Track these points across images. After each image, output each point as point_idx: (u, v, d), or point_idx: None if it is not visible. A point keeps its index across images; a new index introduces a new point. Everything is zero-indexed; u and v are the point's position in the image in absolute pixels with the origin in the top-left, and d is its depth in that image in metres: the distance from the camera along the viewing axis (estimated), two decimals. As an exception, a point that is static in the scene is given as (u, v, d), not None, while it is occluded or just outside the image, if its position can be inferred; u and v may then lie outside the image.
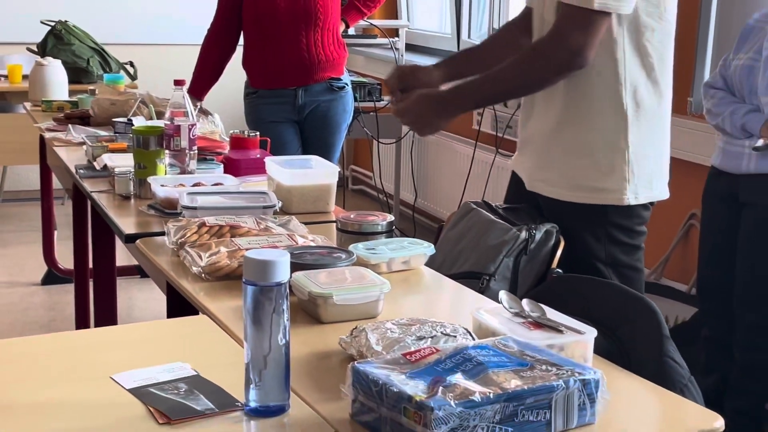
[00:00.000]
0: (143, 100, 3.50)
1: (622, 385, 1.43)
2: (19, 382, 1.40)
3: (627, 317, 1.69)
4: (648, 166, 2.24)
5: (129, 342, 1.59)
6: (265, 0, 3.76)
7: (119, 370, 1.42)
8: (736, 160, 2.90)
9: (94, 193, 2.61)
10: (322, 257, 1.86)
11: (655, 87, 2.23)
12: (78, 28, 5.37)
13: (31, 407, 1.31)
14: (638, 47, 2.18)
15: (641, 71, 2.19)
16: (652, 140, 2.25)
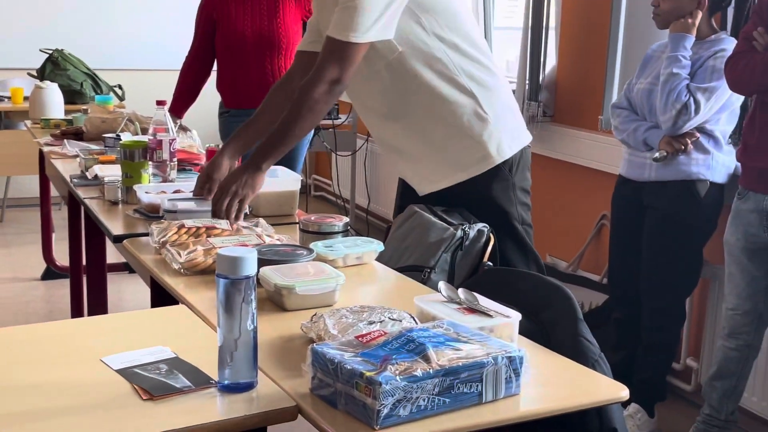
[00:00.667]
0: (130, 118, 3.47)
1: (542, 361, 1.44)
2: (21, 364, 1.39)
3: (547, 303, 1.69)
4: (508, 123, 2.30)
5: (117, 329, 1.58)
6: (235, 31, 3.75)
7: (108, 354, 1.41)
8: (639, 169, 2.94)
9: (87, 200, 2.59)
10: (287, 254, 1.86)
11: (480, 65, 2.26)
12: (72, 55, 5.32)
13: (30, 386, 1.30)
14: (451, 44, 2.21)
15: (461, 57, 2.23)
16: (501, 104, 2.30)
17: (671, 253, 2.88)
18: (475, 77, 2.24)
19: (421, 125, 2.27)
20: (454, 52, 2.21)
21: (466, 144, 2.25)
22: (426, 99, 2.23)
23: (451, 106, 2.23)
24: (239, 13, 3.76)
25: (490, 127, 2.24)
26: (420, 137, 2.29)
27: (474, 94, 2.23)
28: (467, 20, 2.26)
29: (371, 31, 2.09)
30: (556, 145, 3.91)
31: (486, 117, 2.24)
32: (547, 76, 3.95)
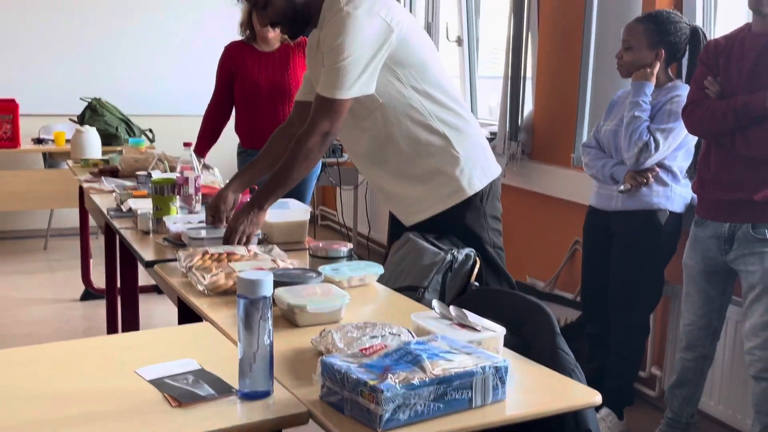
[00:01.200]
0: (159, 158, 3.48)
1: (525, 370, 1.44)
2: (62, 376, 1.38)
3: (528, 319, 1.69)
4: (478, 159, 2.32)
5: (148, 344, 1.57)
6: (250, 81, 3.77)
7: (141, 366, 1.41)
8: (606, 200, 2.94)
9: (122, 229, 2.59)
10: (298, 276, 1.85)
11: (451, 111, 2.29)
12: (109, 103, 5.35)
13: (71, 395, 1.30)
14: (425, 93, 2.24)
15: (434, 105, 2.26)
16: (471, 143, 2.32)
17: (636, 274, 2.88)
18: (447, 121, 2.27)
19: (402, 167, 2.30)
20: (427, 101, 2.25)
21: (442, 180, 2.28)
22: (405, 143, 2.27)
23: (427, 148, 2.27)
24: (255, 66, 3.79)
25: (462, 164, 2.27)
26: (401, 177, 2.32)
27: (446, 137, 2.27)
28: (438, 72, 2.29)
29: (354, 88, 2.13)
30: (533, 180, 3.92)
31: (457, 156, 2.27)
32: (524, 119, 3.97)
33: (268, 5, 2.23)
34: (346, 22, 2.10)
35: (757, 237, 2.44)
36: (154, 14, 6.09)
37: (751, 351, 2.48)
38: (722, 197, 2.51)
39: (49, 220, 5.93)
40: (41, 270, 5.25)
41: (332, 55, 2.12)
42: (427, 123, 2.25)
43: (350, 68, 2.10)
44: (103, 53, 6.00)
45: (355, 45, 2.10)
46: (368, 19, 2.12)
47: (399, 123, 2.24)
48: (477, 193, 2.29)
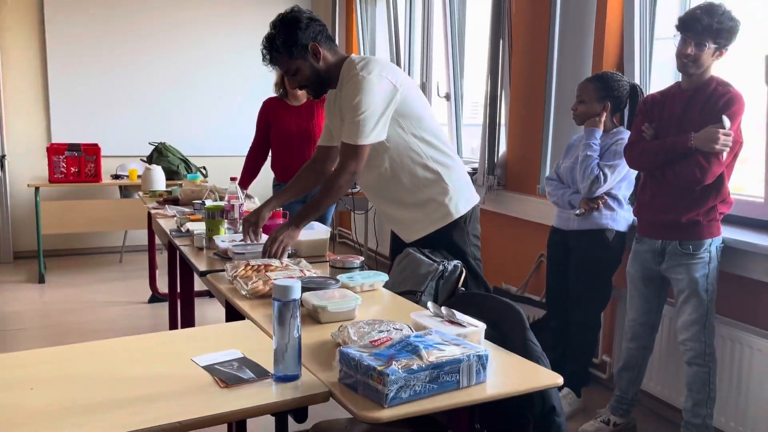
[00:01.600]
0: (211, 189, 3.49)
1: (501, 358, 1.44)
2: (132, 363, 1.38)
3: (503, 317, 1.69)
4: (463, 190, 2.34)
5: (202, 338, 1.57)
6: (284, 128, 3.77)
7: (196, 355, 1.40)
8: (565, 222, 2.93)
9: (181, 246, 2.60)
10: (321, 283, 1.85)
11: (442, 152, 2.31)
12: (171, 146, 5.37)
13: (140, 378, 1.30)
14: (422, 139, 2.27)
15: (429, 148, 2.28)
16: (457, 176, 2.34)
17: (589, 280, 2.87)
18: (438, 160, 2.28)
19: (403, 197, 2.32)
20: (423, 145, 2.27)
21: (434, 206, 2.30)
22: (406, 178, 2.28)
23: (423, 182, 2.29)
24: (287, 116, 3.80)
25: (450, 194, 2.29)
26: (402, 205, 2.34)
27: (438, 173, 2.28)
28: (430, 121, 2.31)
29: (371, 136, 2.15)
30: (508, 206, 3.91)
31: (447, 187, 2.29)
32: (500, 158, 3.97)
33: (297, 72, 2.24)
34: (362, 84, 2.12)
35: (684, 252, 2.44)
36: (207, 75, 6.14)
37: (684, 342, 2.46)
38: (656, 219, 2.50)
39: (124, 239, 5.94)
40: (117, 279, 5.25)
41: (353, 111, 2.14)
42: (424, 162, 2.26)
43: (367, 120, 2.12)
44: (167, 107, 6.04)
45: (369, 102, 2.12)
46: (379, 81, 2.13)
47: (402, 163, 2.26)
48: (462, 216, 2.31)
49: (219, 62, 6.14)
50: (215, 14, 6.08)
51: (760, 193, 2.68)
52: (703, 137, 2.29)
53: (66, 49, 5.67)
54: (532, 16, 3.68)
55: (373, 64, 2.17)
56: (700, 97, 2.37)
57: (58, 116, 5.71)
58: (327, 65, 2.24)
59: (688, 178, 2.35)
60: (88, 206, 5.26)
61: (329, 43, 2.24)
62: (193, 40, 6.05)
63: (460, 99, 4.78)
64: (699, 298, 2.42)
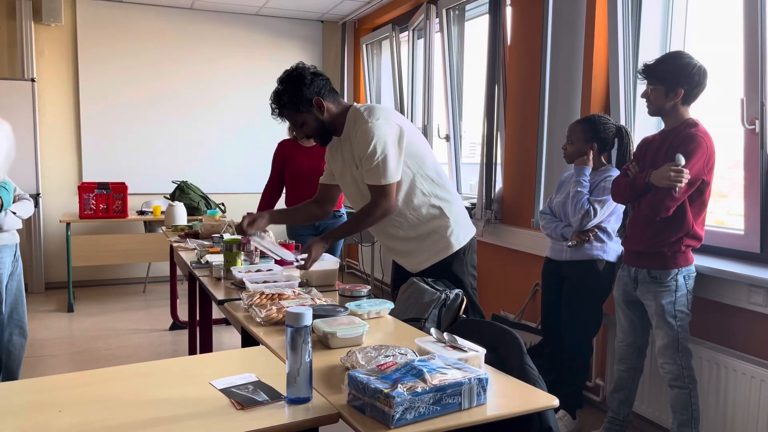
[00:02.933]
0: (229, 224, 3.50)
1: (500, 381, 1.42)
2: (154, 387, 1.37)
3: (502, 342, 1.67)
4: (462, 223, 2.35)
5: (219, 362, 1.56)
6: (296, 168, 3.79)
7: (214, 378, 1.39)
8: (558, 253, 2.92)
9: (201, 277, 2.59)
10: (330, 311, 1.84)
11: (442, 188, 2.33)
12: (192, 184, 5.39)
13: (161, 400, 1.29)
14: (426, 177, 2.29)
15: (433, 185, 2.30)
16: (457, 211, 2.35)
17: (581, 308, 2.85)
18: (440, 197, 2.30)
19: (408, 231, 2.33)
20: (427, 183, 2.29)
21: (436, 238, 2.31)
22: (411, 214, 2.29)
23: (426, 217, 2.30)
24: (300, 157, 3.81)
25: (451, 227, 2.30)
26: (407, 238, 2.34)
27: (441, 208, 2.29)
28: (432, 160, 2.33)
29: (394, 174, 2.18)
30: (504, 239, 3.91)
31: (449, 221, 2.30)
32: (496, 194, 3.98)
33: (304, 124, 2.27)
34: (372, 130, 2.15)
35: (652, 279, 2.44)
36: (225, 117, 6.20)
37: (662, 366, 2.45)
38: (631, 248, 2.52)
39: (147, 270, 5.94)
40: (140, 307, 5.24)
41: (370, 156, 2.16)
42: (427, 199, 2.29)
43: (386, 161, 2.16)
44: (189, 148, 6.09)
45: (383, 145, 2.15)
46: (387, 125, 2.16)
47: (408, 200, 2.28)
48: (461, 248, 2.30)
49: (237, 107, 6.20)
50: (233, 64, 6.17)
51: (740, 225, 2.67)
52: (657, 174, 2.31)
53: (97, 96, 5.76)
54: (524, 64, 3.72)
55: (378, 110, 2.19)
56: (672, 138, 2.39)
57: (88, 157, 5.77)
58: (331, 116, 2.26)
59: (644, 212, 2.36)
60: (115, 240, 5.27)
61: (332, 95, 2.26)
62: (213, 86, 6.12)
63: (459, 140, 4.81)
64: (668, 324, 2.41)
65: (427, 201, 2.28)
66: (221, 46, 6.11)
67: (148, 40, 5.87)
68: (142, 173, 5.92)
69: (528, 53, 3.68)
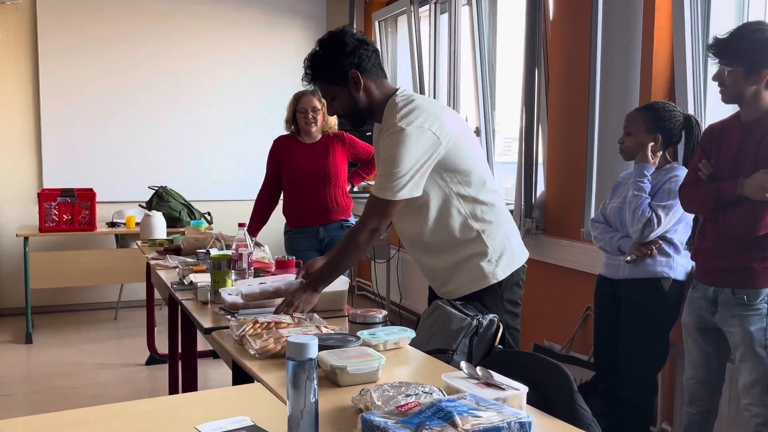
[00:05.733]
0: (217, 237, 3.50)
1: (546, 425, 1.40)
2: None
3: (547, 378, 1.65)
4: (504, 252, 2.33)
5: (207, 403, 1.55)
6: (296, 169, 3.82)
7: (200, 422, 1.39)
8: (614, 269, 2.90)
9: (183, 300, 2.59)
10: (339, 340, 1.84)
11: (487, 206, 2.30)
12: (173, 190, 5.42)
13: (139, 450, 1.28)
14: (464, 196, 2.28)
15: (472, 205, 2.29)
16: (502, 236, 2.33)
17: (642, 336, 2.82)
18: (481, 218, 2.29)
19: (438, 252, 2.34)
20: (465, 202, 2.29)
21: (470, 267, 2.31)
22: (443, 235, 2.30)
23: (460, 241, 2.30)
24: (300, 155, 3.84)
25: (489, 256, 2.30)
26: (437, 260, 2.35)
27: (479, 233, 2.29)
28: (480, 173, 2.30)
29: (402, 192, 2.17)
30: (548, 253, 3.89)
31: (486, 250, 2.29)
32: (538, 199, 3.97)
33: (335, 99, 2.28)
34: (399, 137, 2.15)
35: (737, 301, 2.40)
36: (212, 113, 6.24)
37: (748, 408, 2.40)
38: (708, 264, 2.49)
39: (120, 293, 5.97)
40: (111, 337, 5.27)
41: (386, 163, 2.17)
42: (464, 221, 2.29)
43: (400, 176, 2.15)
44: (168, 148, 6.14)
45: (405, 157, 2.15)
46: (419, 134, 2.16)
47: (440, 218, 2.29)
48: (498, 281, 2.32)
49: (225, 99, 6.25)
50: (220, 49, 6.22)
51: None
52: (752, 185, 2.27)
53: (60, 88, 5.82)
54: (570, 42, 3.71)
55: (416, 112, 2.19)
56: (756, 132, 2.35)
57: (50, 159, 5.83)
58: (369, 98, 2.27)
59: (736, 229, 2.33)
60: (82, 257, 5.31)
61: (377, 73, 2.27)
62: (196, 76, 6.18)
63: (492, 134, 4.81)
64: (757, 356, 2.37)
65: (464, 222, 2.29)
66: (206, 27, 6.17)
67: (121, 23, 5.93)
68: (113, 178, 5.97)
69: (575, 29, 3.67)
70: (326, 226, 3.89)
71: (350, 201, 4.00)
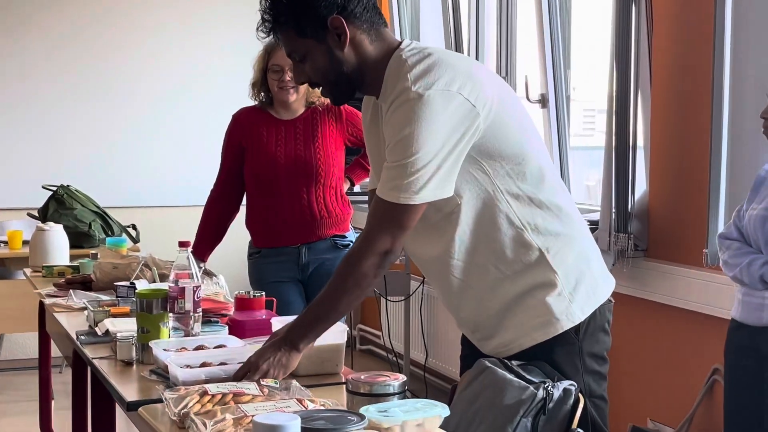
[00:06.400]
0: (146, 262, 3.49)
1: None
2: None
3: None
4: (582, 279, 2.30)
5: None
6: (265, 159, 3.82)
7: None
8: (757, 312, 2.87)
9: (95, 360, 2.58)
10: (334, 421, 1.80)
11: (551, 212, 2.28)
12: (80, 192, 5.42)
13: None
14: (516, 194, 2.24)
15: (530, 208, 2.25)
16: (576, 255, 2.30)
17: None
18: (544, 230, 2.25)
19: (479, 286, 2.30)
20: (520, 204, 2.24)
21: (530, 306, 2.27)
22: (485, 256, 2.27)
23: (513, 266, 2.26)
24: (271, 137, 3.84)
25: (559, 287, 2.26)
26: (476, 298, 2.32)
27: (542, 251, 2.25)
28: (537, 157, 2.29)
29: (425, 191, 2.13)
30: (651, 285, 3.86)
31: (554, 276, 2.25)
32: (637, 203, 3.95)
33: (305, 58, 2.27)
34: (416, 107, 2.11)
35: None
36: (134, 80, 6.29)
37: None
38: None
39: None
40: (-13, 415, 5.27)
41: (398, 148, 2.13)
42: (518, 233, 2.24)
43: (421, 166, 2.11)
44: (71, 132, 6.19)
45: (427, 137, 2.11)
46: (445, 101, 2.13)
47: (479, 232, 2.25)
48: (577, 325, 2.28)
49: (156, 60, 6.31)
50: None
51: None
52: None
53: None
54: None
55: (438, 69, 2.16)
56: None
57: None
58: (359, 56, 2.25)
59: None
60: (-59, 293, 5.31)
61: (371, 19, 2.26)
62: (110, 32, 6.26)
63: (564, 105, 4.81)
64: None
65: (517, 236, 2.24)
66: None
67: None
68: (-11, 174, 6.01)
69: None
70: (311, 246, 3.90)
71: (348, 208, 4.00)
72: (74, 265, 4.13)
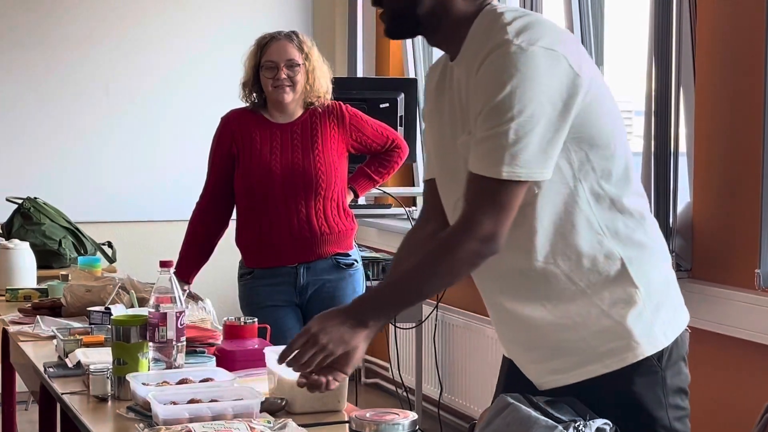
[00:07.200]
0: (123, 285, 3.50)
1: None
2: None
3: None
4: (666, 298, 2.28)
5: None
6: (258, 168, 3.84)
7: None
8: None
9: (66, 395, 2.59)
10: (337, 467, 1.82)
11: (629, 216, 2.24)
12: (49, 205, 5.43)
13: None
14: (598, 194, 2.20)
15: (612, 213, 2.21)
16: (659, 272, 2.28)
17: None
18: (626, 238, 2.22)
19: (545, 299, 2.26)
20: (602, 206, 2.20)
21: (605, 326, 2.22)
22: (556, 264, 2.22)
23: (589, 277, 2.21)
24: (265, 143, 3.85)
25: (641, 305, 2.21)
26: (541, 314, 2.27)
27: (623, 262, 2.21)
28: (624, 156, 2.24)
29: (534, 164, 2.08)
30: (696, 310, 3.80)
31: (636, 292, 2.21)
32: (679, 217, 3.96)
33: None
34: (518, 62, 2.06)
35: None
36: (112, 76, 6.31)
37: None
38: None
39: (-43, 382, 5.97)
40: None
41: (497, 111, 2.07)
42: (598, 240, 2.20)
43: (527, 132, 2.05)
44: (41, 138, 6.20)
45: (532, 97, 2.05)
46: (552, 61, 2.08)
47: (555, 233, 2.20)
48: (660, 351, 2.24)
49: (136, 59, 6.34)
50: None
51: None
52: None
53: None
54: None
55: (540, 27, 2.11)
56: None
57: None
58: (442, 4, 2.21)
59: None
60: None
61: None
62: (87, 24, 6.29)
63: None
64: None
65: (597, 242, 2.20)
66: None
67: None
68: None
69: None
70: (310, 266, 3.92)
71: (352, 223, 4.00)
72: (42, 288, 4.14)
